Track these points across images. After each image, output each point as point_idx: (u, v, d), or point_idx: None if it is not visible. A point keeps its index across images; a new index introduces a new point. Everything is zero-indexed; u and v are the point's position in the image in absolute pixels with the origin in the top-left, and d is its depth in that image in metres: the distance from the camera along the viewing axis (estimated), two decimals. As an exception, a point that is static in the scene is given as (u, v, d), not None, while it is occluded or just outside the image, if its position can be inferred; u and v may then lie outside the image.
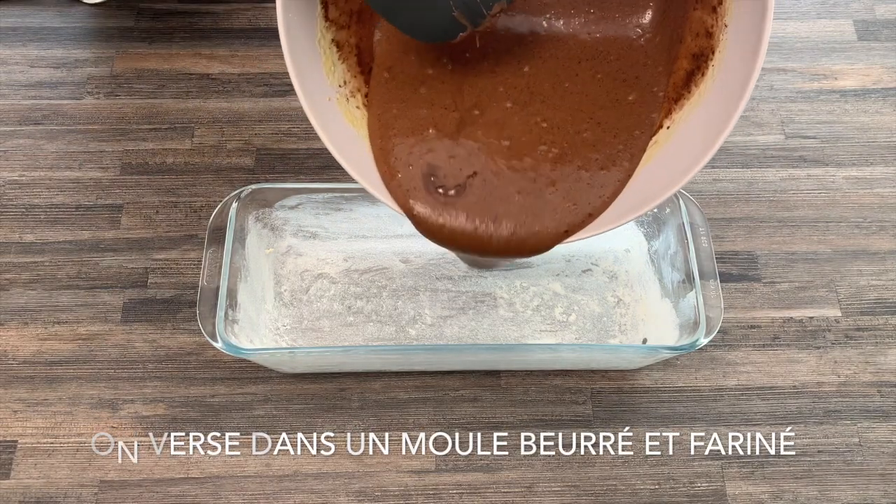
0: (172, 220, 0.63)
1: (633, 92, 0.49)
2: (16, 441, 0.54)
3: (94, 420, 0.55)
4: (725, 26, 0.44)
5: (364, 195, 0.58)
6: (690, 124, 0.46)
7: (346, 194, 0.58)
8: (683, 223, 0.56)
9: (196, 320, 0.52)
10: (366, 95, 0.52)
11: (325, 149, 0.57)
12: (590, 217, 0.48)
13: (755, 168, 0.67)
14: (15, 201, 0.64)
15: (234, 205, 0.56)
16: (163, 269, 0.61)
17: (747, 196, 0.65)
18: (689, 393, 0.57)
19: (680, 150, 0.46)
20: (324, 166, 0.65)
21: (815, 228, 0.64)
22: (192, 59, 0.72)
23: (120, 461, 0.54)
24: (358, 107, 0.52)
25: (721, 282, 0.54)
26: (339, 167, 0.56)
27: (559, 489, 0.53)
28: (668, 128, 0.48)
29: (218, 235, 0.55)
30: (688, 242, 0.55)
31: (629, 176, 0.48)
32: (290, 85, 0.45)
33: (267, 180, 0.65)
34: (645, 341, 0.56)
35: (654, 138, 0.48)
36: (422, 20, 0.45)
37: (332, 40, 0.51)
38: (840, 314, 0.60)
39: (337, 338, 0.58)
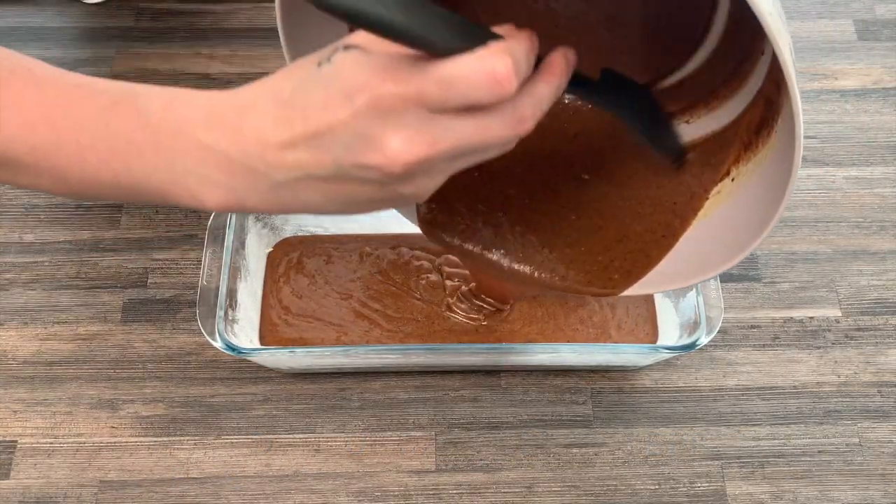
0: (172, 220, 0.63)
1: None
2: (16, 441, 0.54)
3: (93, 420, 0.55)
4: (784, 101, 0.40)
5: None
6: (749, 189, 0.44)
7: (346, 194, 0.58)
8: (684, 223, 0.56)
9: (196, 320, 0.52)
10: None
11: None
12: (631, 277, 0.48)
13: (755, 168, 0.66)
14: (15, 201, 0.64)
15: (234, 205, 0.56)
16: (163, 269, 0.61)
17: (747, 196, 0.65)
18: (689, 393, 0.57)
19: (736, 218, 0.44)
20: (324, 166, 0.65)
21: (815, 228, 0.64)
22: (192, 59, 0.72)
23: (120, 461, 0.54)
24: None
25: (721, 282, 0.54)
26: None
27: (559, 489, 0.53)
28: (732, 179, 0.46)
29: (218, 235, 0.55)
30: (688, 242, 0.55)
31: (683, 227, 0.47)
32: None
33: (267, 180, 0.65)
34: None
35: (718, 186, 0.46)
36: None
37: None
38: (840, 314, 0.60)
39: (337, 338, 0.58)
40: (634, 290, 0.48)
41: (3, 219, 0.63)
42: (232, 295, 0.54)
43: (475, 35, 0.32)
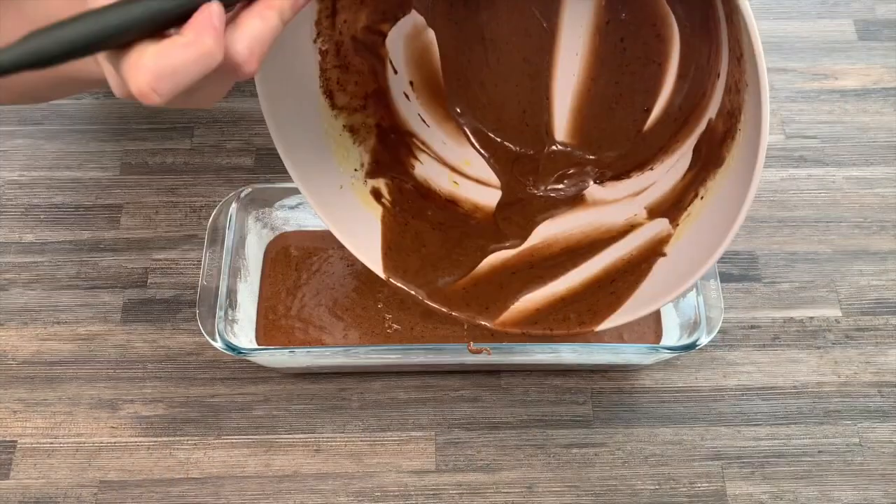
0: (172, 220, 0.63)
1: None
2: (15, 441, 0.54)
3: (93, 420, 0.55)
4: (747, 85, 0.40)
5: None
6: (716, 200, 0.44)
7: (346, 194, 0.58)
8: (684, 223, 0.56)
9: (196, 320, 0.52)
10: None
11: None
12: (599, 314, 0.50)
13: (755, 168, 0.66)
14: (15, 201, 0.64)
15: (234, 205, 0.56)
16: (163, 269, 0.61)
17: (747, 196, 0.65)
18: (690, 393, 0.57)
19: (708, 227, 0.44)
20: (324, 166, 0.65)
21: (815, 228, 0.64)
22: (192, 59, 0.71)
23: (120, 461, 0.54)
24: (378, 186, 0.51)
25: (721, 282, 0.54)
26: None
27: (559, 489, 0.53)
28: (701, 198, 0.46)
29: (218, 235, 0.55)
30: (688, 242, 0.55)
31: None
32: (290, 85, 0.44)
33: (267, 180, 0.65)
34: None
35: (688, 209, 0.47)
36: None
37: (344, 126, 0.50)
38: (840, 314, 0.60)
39: (337, 338, 0.58)
40: (613, 321, 0.49)
41: (3, 219, 0.63)
42: (232, 295, 0.54)
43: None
